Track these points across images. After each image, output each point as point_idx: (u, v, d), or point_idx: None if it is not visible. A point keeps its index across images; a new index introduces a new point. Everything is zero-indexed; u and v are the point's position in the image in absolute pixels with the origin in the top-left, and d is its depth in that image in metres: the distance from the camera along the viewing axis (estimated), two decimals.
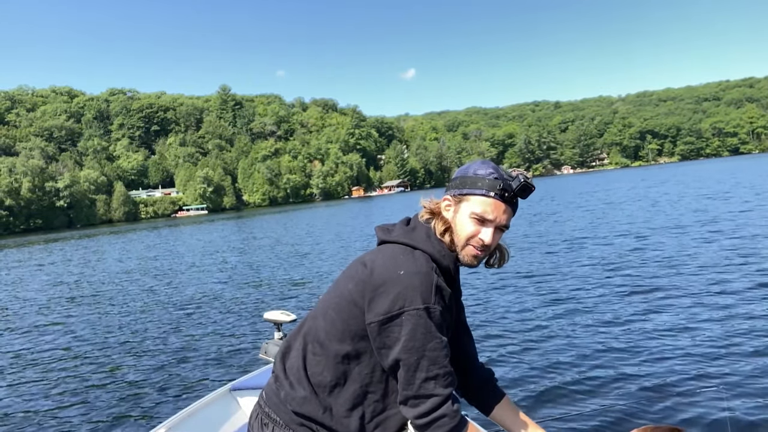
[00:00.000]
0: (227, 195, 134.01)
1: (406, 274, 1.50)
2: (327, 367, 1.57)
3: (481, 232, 1.58)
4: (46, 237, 68.03)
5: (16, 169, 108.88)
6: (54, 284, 17.72)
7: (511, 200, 1.58)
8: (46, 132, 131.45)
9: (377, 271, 1.53)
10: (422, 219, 1.65)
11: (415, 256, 1.55)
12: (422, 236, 1.60)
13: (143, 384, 6.39)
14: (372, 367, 1.58)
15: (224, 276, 15.43)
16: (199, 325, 9.28)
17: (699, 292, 8.00)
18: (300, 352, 1.62)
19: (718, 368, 5.02)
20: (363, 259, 1.63)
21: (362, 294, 1.53)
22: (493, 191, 1.55)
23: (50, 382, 6.88)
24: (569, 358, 5.76)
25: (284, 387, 1.62)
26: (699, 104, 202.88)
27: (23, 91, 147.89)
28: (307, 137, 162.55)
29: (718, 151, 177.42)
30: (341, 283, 1.62)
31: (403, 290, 1.48)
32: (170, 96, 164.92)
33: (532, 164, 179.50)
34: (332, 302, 1.60)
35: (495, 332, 6.98)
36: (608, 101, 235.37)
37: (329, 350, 1.57)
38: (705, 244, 12.29)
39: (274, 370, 1.70)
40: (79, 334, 9.72)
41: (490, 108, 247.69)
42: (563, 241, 15.48)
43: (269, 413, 1.65)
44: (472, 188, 1.57)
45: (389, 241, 1.64)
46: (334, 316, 1.57)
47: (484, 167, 1.60)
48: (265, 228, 39.61)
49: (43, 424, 5.50)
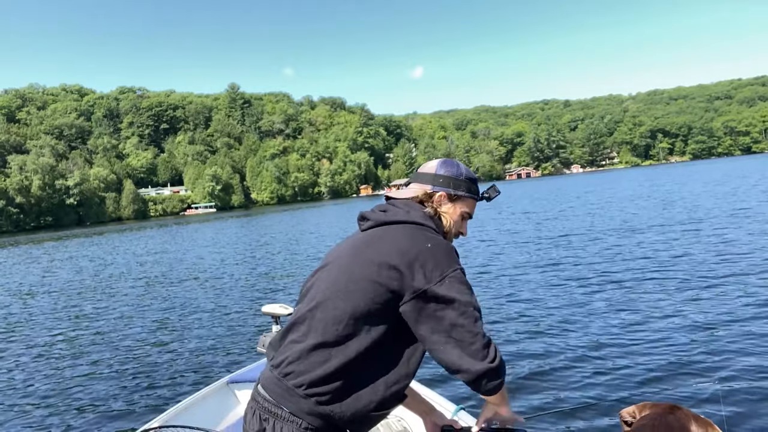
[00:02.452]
0: (236, 193, 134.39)
1: (434, 245, 1.64)
2: (350, 345, 1.60)
3: (465, 227, 1.89)
4: (57, 234, 68.48)
5: (27, 167, 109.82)
6: (60, 278, 17.68)
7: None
8: (57, 130, 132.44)
9: (405, 249, 1.62)
10: (417, 200, 1.81)
11: (429, 231, 1.72)
12: (422, 215, 1.76)
13: (140, 376, 6.32)
14: (391, 341, 1.64)
15: (224, 270, 15.34)
16: (198, 319, 9.20)
17: (696, 286, 7.98)
18: (321, 336, 1.62)
19: (714, 362, 5.02)
20: (371, 242, 1.70)
21: (391, 273, 1.59)
22: (478, 195, 1.88)
23: (46, 374, 6.78)
24: (563, 352, 5.74)
25: (295, 375, 1.62)
26: (711, 103, 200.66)
27: (34, 89, 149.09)
28: (315, 135, 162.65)
29: (730, 150, 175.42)
30: (356, 266, 1.66)
31: (439, 259, 1.61)
32: (179, 94, 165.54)
33: (541, 163, 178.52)
34: (351, 284, 1.63)
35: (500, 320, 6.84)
36: (618, 99, 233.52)
37: (352, 328, 1.60)
38: (707, 240, 12.19)
39: (279, 368, 1.67)
40: (76, 327, 9.64)
41: (499, 106, 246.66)
42: (572, 235, 15.24)
43: (269, 408, 1.64)
44: (467, 192, 1.83)
45: (392, 222, 1.75)
46: (358, 296, 1.60)
47: (470, 172, 1.87)
48: (271, 225, 39.59)
49: (39, 416, 5.40)
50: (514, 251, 13.67)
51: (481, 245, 15.48)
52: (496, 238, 17.05)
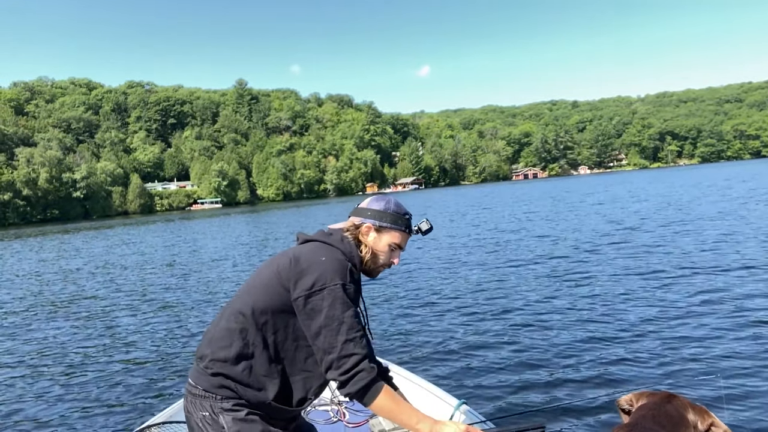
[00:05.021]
0: (241, 189, 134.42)
1: (327, 260, 1.87)
2: (249, 334, 1.85)
3: (396, 257, 2.09)
4: (64, 227, 68.64)
5: (34, 160, 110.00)
6: (48, 277, 17.52)
7: (411, 233, 2.11)
8: (65, 123, 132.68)
9: (303, 258, 1.89)
10: (344, 230, 2.05)
11: (333, 250, 1.94)
12: (338, 239, 1.99)
13: (134, 377, 6.11)
14: (285, 337, 1.88)
15: (222, 268, 15.09)
16: (189, 318, 8.93)
17: (699, 281, 8.04)
18: (226, 323, 1.89)
19: (718, 358, 5.00)
20: (287, 252, 1.98)
21: (288, 276, 1.85)
22: (408, 228, 2.08)
23: (42, 373, 6.54)
24: (567, 347, 5.73)
25: (206, 357, 1.87)
26: (720, 106, 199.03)
27: (43, 82, 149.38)
28: (322, 133, 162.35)
29: (740, 154, 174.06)
30: (266, 269, 1.94)
31: (324, 271, 1.84)
32: (187, 89, 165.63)
33: (548, 164, 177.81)
34: (258, 283, 1.91)
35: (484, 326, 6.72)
36: (627, 101, 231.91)
37: (251, 320, 1.85)
38: (710, 237, 12.22)
39: (197, 352, 1.94)
40: (73, 325, 9.43)
41: (507, 106, 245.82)
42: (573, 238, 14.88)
43: (190, 389, 1.89)
44: (394, 224, 2.03)
45: (310, 240, 2.03)
46: (259, 293, 1.88)
47: (399, 207, 2.07)
48: (275, 222, 39.42)
49: (35, 416, 5.15)
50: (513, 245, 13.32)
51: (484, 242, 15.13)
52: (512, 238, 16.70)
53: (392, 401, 1.81)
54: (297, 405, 1.94)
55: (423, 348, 6.15)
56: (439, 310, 7.99)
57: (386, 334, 6.83)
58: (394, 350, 6.12)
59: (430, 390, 3.29)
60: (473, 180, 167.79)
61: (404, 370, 3.69)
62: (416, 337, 6.62)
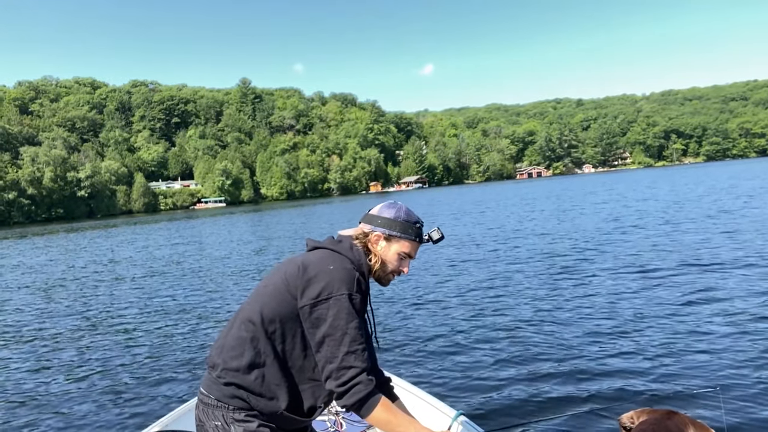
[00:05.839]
0: (245, 188, 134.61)
1: (335, 269, 1.86)
2: (259, 342, 1.85)
3: (405, 265, 2.06)
4: (69, 226, 68.85)
5: (39, 159, 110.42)
6: (57, 275, 17.52)
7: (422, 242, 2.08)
8: (69, 122, 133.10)
9: (311, 266, 1.88)
10: (353, 237, 2.03)
11: (341, 258, 1.93)
12: (347, 247, 1.98)
13: (137, 382, 6.05)
14: (293, 346, 1.88)
15: (225, 270, 15.05)
16: (192, 322, 8.89)
17: (698, 290, 7.91)
18: (237, 331, 1.89)
19: (717, 369, 4.95)
20: (295, 259, 1.98)
21: (296, 284, 1.85)
22: (419, 237, 2.05)
23: (43, 375, 6.51)
24: (564, 357, 5.67)
25: (218, 366, 1.87)
26: (726, 104, 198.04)
27: (47, 81, 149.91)
28: (325, 131, 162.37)
29: (745, 152, 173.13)
30: (275, 276, 1.94)
31: (332, 280, 1.83)
32: (191, 89, 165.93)
33: (553, 162, 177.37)
34: (267, 290, 1.91)
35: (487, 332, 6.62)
36: (632, 99, 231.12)
37: (260, 328, 1.85)
38: (709, 240, 12.10)
39: (209, 361, 1.95)
40: (74, 325, 9.40)
41: (511, 105, 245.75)
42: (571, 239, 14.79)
43: (203, 399, 1.90)
44: (404, 233, 2.01)
45: (320, 248, 2.01)
46: (268, 301, 1.87)
47: (409, 215, 2.04)
48: (279, 221, 39.41)
49: (34, 420, 5.12)
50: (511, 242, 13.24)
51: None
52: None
53: (389, 414, 1.81)
54: (307, 414, 1.93)
55: (420, 356, 6.08)
56: (437, 315, 7.89)
57: (384, 341, 6.77)
58: (392, 361, 6.05)
59: (428, 401, 3.26)
60: (477, 179, 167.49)
61: (402, 381, 3.66)
62: (413, 345, 6.53)
